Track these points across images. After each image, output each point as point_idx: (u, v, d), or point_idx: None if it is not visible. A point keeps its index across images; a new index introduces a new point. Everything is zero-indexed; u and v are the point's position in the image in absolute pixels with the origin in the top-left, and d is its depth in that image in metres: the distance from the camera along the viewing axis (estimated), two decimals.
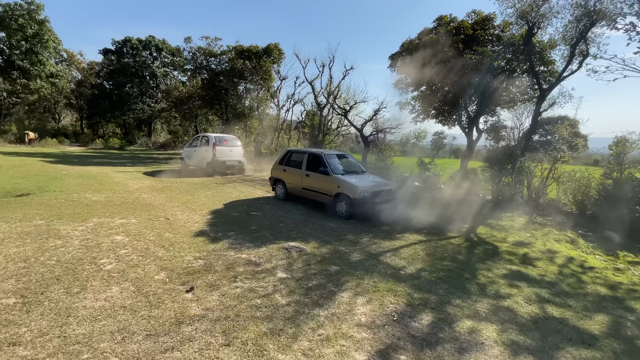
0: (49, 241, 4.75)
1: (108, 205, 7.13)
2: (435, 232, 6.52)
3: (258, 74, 20.88)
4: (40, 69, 18.71)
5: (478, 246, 5.92)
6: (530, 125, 10.12)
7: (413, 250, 5.34)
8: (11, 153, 17.30)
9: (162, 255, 4.45)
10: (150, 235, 5.26)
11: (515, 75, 11.46)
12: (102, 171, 12.73)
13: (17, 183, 9.25)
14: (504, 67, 11.19)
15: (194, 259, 4.39)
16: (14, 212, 6.19)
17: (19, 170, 11.67)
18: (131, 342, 2.64)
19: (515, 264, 5.10)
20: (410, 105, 12.84)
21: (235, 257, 4.52)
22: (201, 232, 5.61)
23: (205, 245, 4.94)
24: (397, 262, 4.80)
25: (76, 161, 15.90)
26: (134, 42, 33.16)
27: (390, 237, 6.01)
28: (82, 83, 35.55)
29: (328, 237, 5.78)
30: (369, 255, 4.97)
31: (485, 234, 6.76)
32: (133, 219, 6.18)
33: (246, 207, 7.84)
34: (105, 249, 4.58)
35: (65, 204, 7.07)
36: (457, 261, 5.04)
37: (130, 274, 3.85)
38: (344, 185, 7.15)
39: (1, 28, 15.91)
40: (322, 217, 7.17)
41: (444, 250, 5.48)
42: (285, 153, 9.06)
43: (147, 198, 8.18)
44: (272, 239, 5.46)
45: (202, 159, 13.52)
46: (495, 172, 9.58)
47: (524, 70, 11.28)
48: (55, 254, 4.32)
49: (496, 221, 7.85)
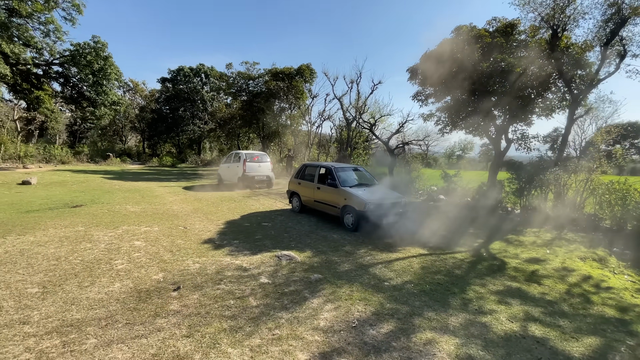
0: (81, 244, 5.57)
1: (141, 216, 8.04)
2: (443, 247, 6.31)
3: (291, 93, 21.94)
4: (104, 98, 21.83)
5: (484, 262, 5.62)
6: (563, 134, 9.33)
7: (408, 263, 5.26)
8: (80, 171, 20.10)
9: (167, 259, 4.98)
10: (164, 242, 5.88)
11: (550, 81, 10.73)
12: (148, 186, 14.24)
13: (76, 196, 10.79)
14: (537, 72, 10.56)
15: (192, 263, 4.84)
16: (65, 220, 7.30)
17: (81, 185, 13.56)
18: (112, 328, 3.08)
19: (517, 281, 4.78)
20: (435, 116, 12.57)
21: (228, 263, 4.89)
22: (209, 239, 6.12)
23: (208, 252, 5.40)
24: (386, 273, 4.79)
25: (130, 177, 17.96)
26: (186, 70, 36.86)
27: (389, 249, 5.97)
28: (144, 108, 40.29)
29: (326, 247, 5.93)
30: (359, 266, 5.02)
31: (498, 249, 6.37)
32: (156, 227, 6.93)
33: (260, 218, 8.29)
34: (123, 252, 5.25)
35: (107, 214, 8.13)
36: (451, 275, 4.87)
37: (134, 273, 4.40)
38: (350, 198, 7.27)
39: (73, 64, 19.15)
40: (329, 229, 7.32)
41: (442, 265, 5.31)
42: (300, 167, 9.46)
43: (176, 209, 9.04)
44: (270, 247, 5.76)
45: (234, 174, 14.50)
46: (524, 183, 8.96)
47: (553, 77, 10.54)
48: (82, 254, 5.07)
49: (517, 236, 7.33)
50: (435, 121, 12.86)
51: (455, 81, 10.78)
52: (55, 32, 18.84)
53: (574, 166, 8.38)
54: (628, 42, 8.05)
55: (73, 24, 19.29)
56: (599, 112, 25.78)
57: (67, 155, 25.95)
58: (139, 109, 40.92)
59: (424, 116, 12.43)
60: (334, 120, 20.42)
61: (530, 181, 8.90)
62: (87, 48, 19.71)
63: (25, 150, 23.17)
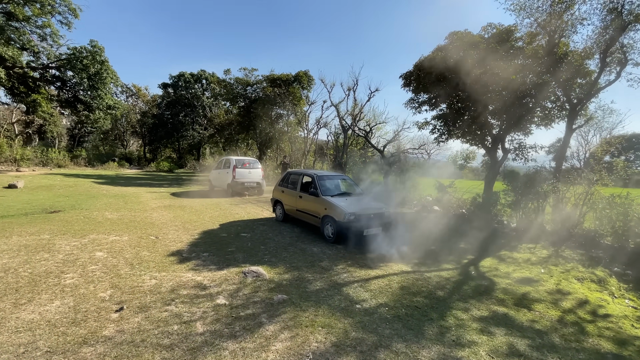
0: (39, 254, 5.20)
1: (116, 223, 7.68)
2: (428, 263, 5.87)
3: (288, 100, 21.72)
4: (99, 102, 21.75)
5: (471, 281, 5.17)
6: (561, 144, 8.90)
7: (387, 283, 4.83)
8: (73, 175, 19.88)
9: (123, 274, 4.59)
10: (128, 253, 5.49)
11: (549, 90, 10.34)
12: (136, 191, 13.93)
13: (58, 201, 10.48)
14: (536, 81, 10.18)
15: (149, 279, 4.45)
16: (34, 226, 6.95)
17: (68, 190, 13.27)
18: (28, 357, 2.68)
19: (505, 306, 4.32)
20: (430, 125, 12.18)
21: (188, 279, 4.48)
22: (177, 251, 5.72)
23: (171, 265, 5.00)
24: (360, 294, 4.36)
25: (122, 182, 17.68)
26: (187, 76, 36.94)
27: (369, 265, 5.54)
28: (145, 113, 40.36)
29: (301, 262, 5.51)
30: (332, 285, 4.59)
31: (488, 267, 5.91)
32: (126, 236, 6.56)
33: (241, 227, 7.90)
34: (78, 264, 4.87)
35: (81, 220, 7.78)
36: (432, 298, 4.43)
37: (81, 289, 4.01)
38: (330, 207, 6.87)
39: (69, 68, 19.16)
40: (310, 241, 6.90)
41: (424, 285, 4.87)
42: (285, 174, 9.10)
43: (156, 217, 8.67)
44: (240, 261, 5.36)
45: (224, 180, 14.17)
46: (520, 195, 8.51)
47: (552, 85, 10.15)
48: (34, 266, 4.69)
49: (510, 253, 6.86)
50: (431, 129, 12.47)
51: (449, 88, 10.43)
52: (51, 36, 18.88)
53: (573, 178, 7.93)
54: (629, 49, 7.68)
55: (69, 27, 19.36)
56: (601, 123, 25.22)
57: (64, 158, 25.84)
58: (140, 114, 41.03)
59: (418, 124, 12.05)
60: (330, 127, 20.16)
61: (526, 193, 8.45)
62: (83, 52, 19.73)
63: (21, 153, 23.07)
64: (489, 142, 10.59)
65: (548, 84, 10.18)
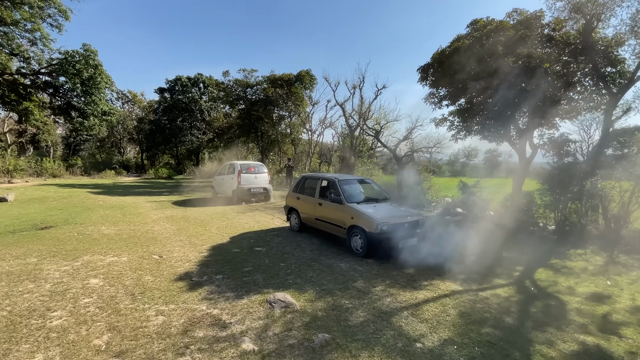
0: (22, 284, 4.37)
1: (113, 240, 6.85)
2: (476, 279, 5.07)
3: (290, 101, 20.94)
4: (94, 107, 20.86)
5: (535, 301, 4.38)
6: (600, 138, 8.16)
7: (441, 308, 4.03)
8: (68, 185, 18.98)
9: (122, 308, 3.77)
10: (129, 279, 4.67)
11: (575, 80, 9.62)
12: (135, 201, 13.08)
13: (50, 215, 9.63)
14: (560, 71, 9.46)
15: (154, 315, 3.63)
16: (20, 247, 6.11)
17: (62, 201, 12.41)
18: None
19: (591, 333, 3.54)
20: (447, 121, 11.43)
21: (203, 314, 3.67)
22: (186, 274, 4.90)
23: (180, 294, 4.19)
24: (416, 326, 3.56)
25: (119, 191, 16.81)
26: (184, 80, 36.12)
27: (413, 285, 4.74)
28: (142, 120, 39.48)
29: (332, 283, 4.70)
30: (377, 315, 3.79)
31: (546, 280, 5.13)
32: (125, 256, 5.73)
33: (253, 240, 7.08)
34: (69, 297, 4.04)
35: (74, 238, 6.94)
36: (503, 328, 3.63)
37: (70, 334, 3.19)
38: (358, 216, 6.07)
39: (62, 73, 18.28)
40: (334, 255, 6.10)
41: (485, 309, 4.07)
42: (300, 179, 8.28)
43: (157, 230, 7.85)
44: (261, 285, 4.54)
45: (229, 186, 13.34)
46: (558, 195, 7.74)
47: (585, 74, 9.43)
48: (15, 302, 3.86)
49: (562, 261, 6.08)
50: (449, 126, 11.72)
51: (470, 80, 9.67)
52: (42, 40, 17.99)
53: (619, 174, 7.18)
54: None
55: (60, 30, 18.43)
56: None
57: (59, 168, 24.91)
58: (137, 120, 40.14)
59: (435, 121, 11.29)
60: (337, 128, 19.36)
61: (565, 192, 7.68)
62: (76, 56, 18.83)
63: (14, 164, 22.16)
64: (514, 138, 9.83)
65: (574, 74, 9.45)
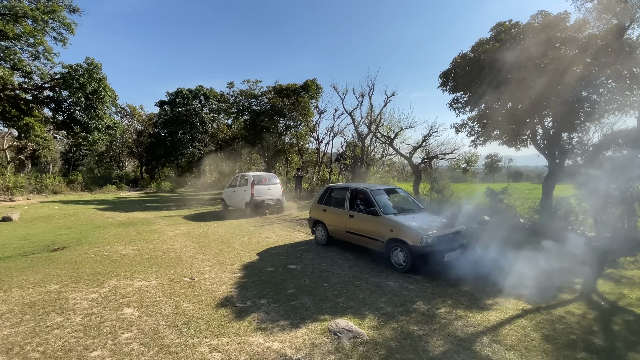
0: (49, 318, 3.92)
1: (135, 261, 6.40)
2: (540, 294, 4.68)
3: (297, 110, 20.71)
4: (98, 122, 20.46)
5: (613, 317, 4.01)
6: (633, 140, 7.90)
7: (521, 331, 3.63)
8: (71, 201, 18.45)
9: (169, 344, 3.34)
10: (166, 307, 4.23)
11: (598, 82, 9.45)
12: (145, 217, 12.61)
13: (60, 234, 9.16)
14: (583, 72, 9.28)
15: (209, 351, 3.20)
16: (36, 273, 5.65)
17: (69, 219, 11.92)
18: None
19: None
20: (467, 126, 11.19)
21: (263, 348, 3.24)
22: (226, 299, 4.47)
23: (228, 324, 3.76)
24: (504, 355, 3.16)
25: (125, 207, 16.32)
26: (185, 93, 35.88)
27: (477, 304, 4.34)
28: (141, 133, 39.12)
29: (390, 306, 4.29)
30: (457, 343, 3.38)
31: (611, 293, 4.76)
32: (154, 280, 5.29)
33: (284, 257, 6.66)
34: (105, 331, 3.60)
35: (92, 260, 6.49)
36: (596, 351, 3.25)
37: None
38: (398, 229, 5.69)
39: (65, 87, 17.90)
40: (377, 272, 5.68)
41: (567, 330, 3.68)
42: (324, 190, 7.91)
43: (179, 249, 7.41)
44: (314, 311, 4.12)
45: (241, 199, 12.93)
46: (598, 200, 7.43)
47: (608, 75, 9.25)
48: (45, 339, 3.42)
49: (617, 270, 5.73)
50: (468, 132, 11.46)
51: (495, 84, 9.45)
52: (45, 54, 17.69)
53: None
54: None
55: (64, 44, 18.15)
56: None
57: (59, 184, 24.32)
58: (136, 134, 39.76)
59: (456, 126, 11.03)
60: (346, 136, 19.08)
61: (605, 196, 7.37)
62: (79, 70, 18.49)
63: (14, 181, 21.59)
64: (542, 142, 9.57)
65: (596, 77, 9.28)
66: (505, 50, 8.47)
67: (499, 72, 8.68)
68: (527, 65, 8.32)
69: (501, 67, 8.54)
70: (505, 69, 8.48)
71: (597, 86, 9.52)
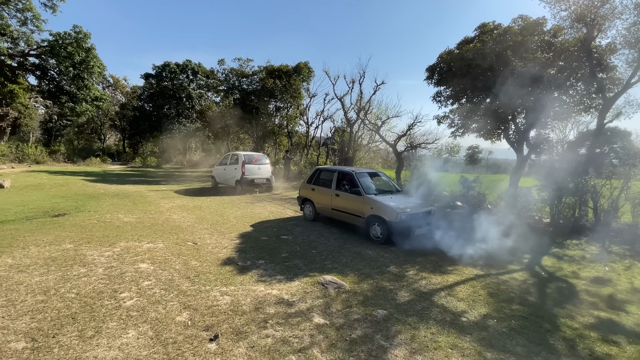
0: (73, 269, 4.51)
1: (138, 227, 6.96)
2: (493, 264, 5.62)
3: (288, 92, 20.98)
4: (86, 93, 20.05)
5: (549, 283, 4.97)
6: (592, 140, 8.93)
7: (471, 289, 4.53)
8: (58, 172, 18.36)
9: (186, 289, 4.02)
10: (177, 263, 4.89)
11: (569, 85, 10.39)
12: (137, 190, 12.96)
13: (56, 202, 9.48)
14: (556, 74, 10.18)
15: (220, 295, 3.91)
16: (47, 234, 6.13)
17: (61, 189, 12.13)
18: None
19: (601, 309, 4.14)
20: (448, 119, 12.02)
21: (265, 294, 3.98)
22: (229, 259, 5.17)
23: (233, 277, 4.47)
24: (455, 304, 4.03)
25: (114, 180, 16.49)
26: (172, 67, 35.02)
27: (440, 270, 5.22)
28: (125, 106, 38.14)
29: (368, 268, 5.11)
30: (420, 295, 4.23)
31: (552, 266, 5.76)
32: (160, 243, 5.90)
33: (276, 229, 7.38)
34: (128, 279, 4.24)
35: (97, 225, 6.99)
36: (528, 304, 4.17)
37: (151, 312, 3.43)
38: (378, 207, 6.50)
39: (52, 56, 17.40)
40: (359, 243, 6.51)
41: (509, 289, 4.61)
42: (314, 171, 8.60)
43: (177, 219, 7.98)
44: (305, 269, 4.89)
45: (232, 177, 13.44)
46: (554, 191, 8.46)
47: (578, 79, 10.20)
48: (76, 284, 4.03)
49: (562, 250, 6.78)
50: (449, 124, 12.30)
51: (474, 80, 10.23)
52: (33, 21, 17.01)
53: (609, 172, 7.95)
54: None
55: (54, 11, 17.44)
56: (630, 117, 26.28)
57: (42, 154, 23.86)
58: (119, 106, 38.72)
59: (438, 118, 11.84)
60: (335, 121, 19.63)
61: (561, 188, 8.41)
62: (67, 38, 17.94)
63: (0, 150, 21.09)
64: (513, 137, 10.52)
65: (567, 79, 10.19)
66: (486, 51, 9.20)
67: (479, 70, 9.43)
68: (504, 66, 9.09)
69: (481, 66, 9.28)
70: (485, 69, 9.23)
71: (568, 88, 10.49)
